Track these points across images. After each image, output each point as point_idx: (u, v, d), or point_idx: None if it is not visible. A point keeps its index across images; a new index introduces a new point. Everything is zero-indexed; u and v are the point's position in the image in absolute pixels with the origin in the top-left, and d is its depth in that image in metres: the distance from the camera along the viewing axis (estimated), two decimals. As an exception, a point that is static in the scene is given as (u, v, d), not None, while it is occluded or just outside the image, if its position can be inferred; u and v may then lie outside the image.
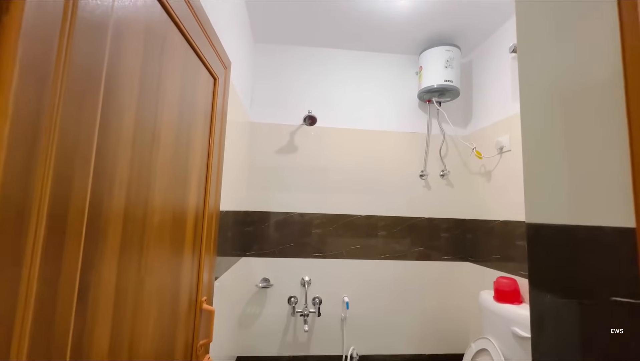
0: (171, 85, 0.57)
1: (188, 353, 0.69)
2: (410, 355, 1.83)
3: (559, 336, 0.40)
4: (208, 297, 0.80)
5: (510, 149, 1.58)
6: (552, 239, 0.42)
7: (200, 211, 0.76)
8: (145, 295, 0.50)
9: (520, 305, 1.40)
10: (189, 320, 0.69)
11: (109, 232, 0.40)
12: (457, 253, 1.93)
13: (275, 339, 1.76)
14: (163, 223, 0.56)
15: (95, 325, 0.38)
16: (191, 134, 0.68)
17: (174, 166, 0.60)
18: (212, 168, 0.82)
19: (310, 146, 1.91)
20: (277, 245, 1.82)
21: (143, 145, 0.48)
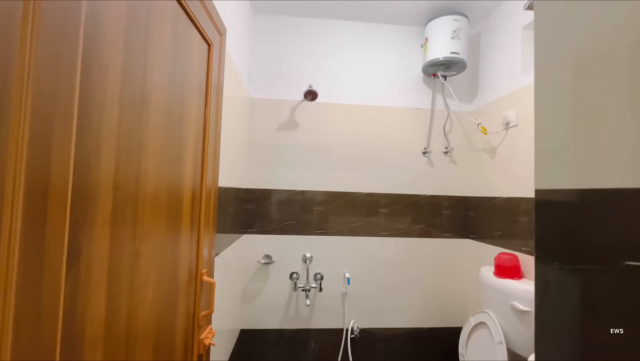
0: (160, 47, 0.53)
1: (190, 323, 0.70)
2: (409, 328, 1.87)
3: (563, 304, 0.39)
4: (208, 270, 0.80)
5: (517, 124, 1.53)
6: (563, 205, 0.40)
7: (197, 185, 0.75)
8: (142, 265, 0.49)
9: (520, 280, 1.41)
10: (190, 292, 0.70)
11: (98, 198, 0.39)
12: (459, 230, 1.93)
13: (277, 313, 1.80)
14: (158, 194, 0.54)
15: (90, 293, 0.37)
16: (185, 103, 0.65)
17: (167, 135, 0.58)
18: (208, 141, 0.80)
19: (311, 122, 1.87)
20: (279, 222, 1.82)
21: (132, 109, 0.46)
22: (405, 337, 1.86)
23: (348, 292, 1.83)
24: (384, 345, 1.85)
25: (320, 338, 1.81)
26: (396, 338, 1.86)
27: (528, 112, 1.46)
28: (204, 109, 0.78)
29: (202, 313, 0.74)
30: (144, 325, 0.50)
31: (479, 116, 1.80)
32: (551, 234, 0.42)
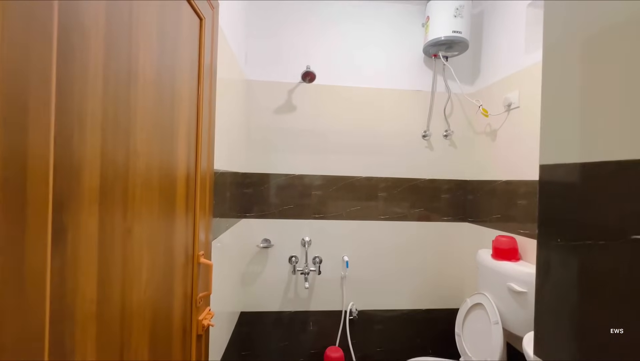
0: (146, 15, 0.50)
1: (188, 304, 0.70)
2: (407, 309, 1.90)
3: (566, 281, 0.39)
4: (206, 252, 0.80)
5: (519, 106, 1.50)
6: (568, 179, 0.39)
7: (191, 168, 0.73)
8: (135, 244, 0.48)
9: (517, 262, 1.42)
10: (187, 273, 0.69)
11: (84, 175, 0.37)
12: (457, 214, 1.93)
13: (277, 296, 1.82)
14: (149, 174, 0.53)
15: (79, 270, 0.36)
16: (176, 80, 0.62)
17: (158, 111, 0.55)
18: (202, 123, 0.77)
19: (309, 105, 1.83)
20: (277, 207, 1.82)
21: (117, 83, 0.43)
22: (402, 318, 1.90)
23: (347, 275, 1.85)
24: (381, 326, 1.88)
25: (319, 320, 1.84)
26: (394, 320, 1.89)
27: (531, 93, 1.43)
28: (196, 89, 0.75)
29: (200, 294, 0.74)
30: (139, 303, 0.49)
31: (480, 98, 1.77)
32: (555, 210, 0.41)
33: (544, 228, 0.42)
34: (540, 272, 0.43)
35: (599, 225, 0.35)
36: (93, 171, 0.39)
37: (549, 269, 0.41)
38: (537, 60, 1.40)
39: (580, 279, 0.37)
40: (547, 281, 0.42)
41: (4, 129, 0.26)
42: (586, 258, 0.36)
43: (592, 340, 0.35)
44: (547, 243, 0.42)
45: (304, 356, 1.83)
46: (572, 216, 0.38)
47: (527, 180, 1.44)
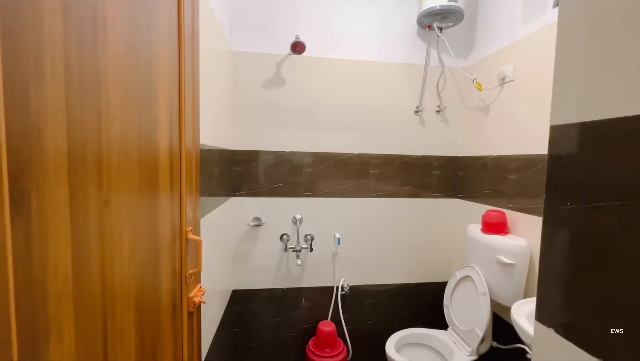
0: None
1: (177, 281, 0.67)
2: (397, 284, 1.94)
3: (574, 245, 0.37)
4: (194, 229, 0.76)
5: (513, 79, 1.48)
6: (581, 139, 0.37)
7: (175, 139, 0.67)
8: (114, 218, 0.44)
9: (506, 235, 1.44)
10: (175, 250, 0.66)
11: (46, 132, 0.32)
12: (448, 190, 1.94)
13: (268, 273, 1.82)
14: (127, 141, 0.48)
15: (49, 243, 0.32)
16: (152, 43, 0.56)
17: (133, 75, 0.49)
18: (185, 96, 0.71)
19: (299, 78, 1.76)
20: (267, 185, 1.78)
21: (81, 31, 0.37)
22: (392, 292, 1.94)
23: (338, 252, 1.85)
24: (372, 300, 1.92)
25: (311, 296, 1.86)
26: (384, 294, 1.93)
27: (526, 66, 1.40)
28: (177, 56, 0.68)
29: (190, 271, 0.71)
30: (122, 279, 0.46)
31: (474, 72, 1.73)
32: (565, 173, 0.39)
33: (553, 192, 0.40)
34: (546, 237, 0.41)
35: (614, 185, 0.33)
36: (58, 131, 0.34)
37: (556, 234, 0.40)
38: (534, 30, 1.36)
39: (590, 243, 0.35)
40: (553, 247, 0.40)
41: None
42: (598, 220, 0.35)
43: (600, 302, 0.34)
44: (555, 207, 0.40)
45: (297, 331, 1.86)
46: (584, 177, 0.36)
47: (518, 155, 1.45)
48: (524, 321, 1.00)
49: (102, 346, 0.42)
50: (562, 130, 0.39)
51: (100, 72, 0.41)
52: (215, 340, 1.33)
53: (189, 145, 0.74)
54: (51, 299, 0.33)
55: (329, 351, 1.64)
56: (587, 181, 0.36)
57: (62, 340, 0.34)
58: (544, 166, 1.32)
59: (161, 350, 0.60)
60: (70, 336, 0.35)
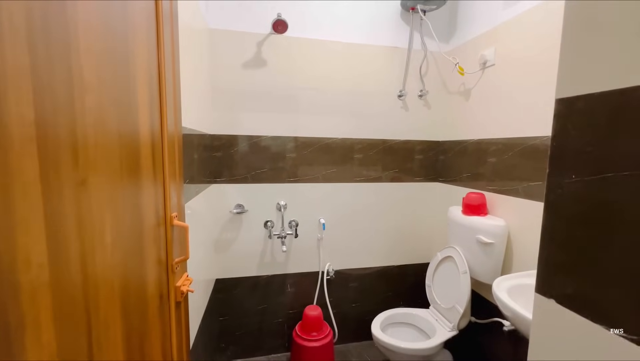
0: None
1: (163, 270, 0.63)
2: (380, 266, 1.98)
3: (578, 217, 0.38)
4: (179, 214, 0.71)
5: (494, 63, 1.50)
6: (590, 111, 0.36)
7: (155, 117, 0.61)
8: (93, 200, 0.39)
9: (485, 216, 1.50)
10: (160, 237, 0.61)
11: (7, 95, 0.27)
12: (429, 174, 1.98)
13: (253, 261, 1.79)
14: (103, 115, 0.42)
15: (17, 229, 0.28)
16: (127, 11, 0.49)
17: (108, 39, 0.43)
18: (164, 67, 0.65)
19: (280, 59, 1.69)
20: (250, 170, 1.72)
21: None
22: (376, 275, 1.98)
23: (323, 237, 1.85)
24: (356, 284, 1.95)
25: (296, 282, 1.86)
26: (368, 277, 1.97)
27: (507, 50, 1.43)
28: (155, 37, 0.62)
29: (176, 259, 0.67)
30: (104, 269, 0.41)
31: (456, 56, 1.74)
32: (571, 146, 0.39)
33: (557, 165, 0.40)
34: (549, 211, 0.42)
35: (623, 155, 0.33)
36: (22, 95, 0.28)
37: (560, 207, 0.40)
38: (514, 14, 1.38)
39: (597, 214, 0.36)
40: (556, 220, 0.41)
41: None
42: (606, 191, 0.35)
43: (606, 271, 0.35)
44: (559, 180, 0.40)
45: (282, 317, 1.86)
46: (591, 149, 0.36)
47: (498, 138, 1.49)
48: (505, 295, 1.05)
49: (87, 341, 0.38)
50: (569, 102, 0.39)
51: (69, 34, 0.35)
52: (201, 330, 1.30)
53: (171, 125, 0.68)
54: (24, 292, 0.28)
55: (316, 334, 1.65)
56: (594, 153, 0.36)
57: (40, 337, 0.30)
58: (521, 149, 1.37)
59: (149, 344, 0.56)
60: (49, 333, 0.31)
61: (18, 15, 0.29)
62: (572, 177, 0.38)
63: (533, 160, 1.30)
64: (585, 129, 0.37)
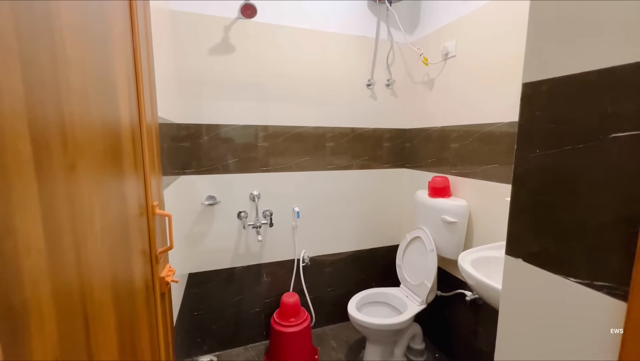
0: None
1: (148, 261, 0.61)
2: (352, 251, 2.06)
3: (543, 185, 0.44)
4: (160, 203, 0.69)
5: (455, 55, 1.60)
6: (552, 93, 0.42)
7: (134, 109, 0.58)
8: (82, 185, 0.37)
9: (449, 197, 1.62)
10: (143, 226, 0.59)
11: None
12: (397, 161, 2.08)
13: (227, 253, 1.76)
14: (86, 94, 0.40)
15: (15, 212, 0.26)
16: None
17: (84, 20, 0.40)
18: (140, 55, 0.61)
19: (250, 46, 1.64)
20: (220, 161, 1.67)
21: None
22: (349, 259, 2.05)
23: (298, 225, 1.87)
24: (331, 269, 2.01)
25: (272, 271, 1.87)
26: (341, 262, 2.03)
27: (467, 42, 1.53)
28: (129, 21, 0.58)
29: (160, 249, 0.64)
30: (96, 258, 0.39)
31: (420, 47, 1.82)
32: (535, 124, 0.44)
33: (524, 142, 0.46)
34: (517, 182, 0.48)
35: (579, 131, 0.39)
36: (10, 68, 0.26)
37: (527, 177, 0.46)
38: (474, 8, 1.48)
39: (558, 182, 0.42)
40: (523, 189, 0.47)
41: None
42: (565, 162, 0.41)
43: (562, 231, 0.41)
44: (525, 155, 0.46)
45: (259, 306, 1.86)
46: (552, 127, 0.42)
47: (460, 125, 1.60)
48: (469, 267, 1.16)
49: (85, 333, 0.36)
50: (534, 86, 0.45)
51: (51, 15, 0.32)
52: (176, 326, 1.26)
53: (149, 111, 0.65)
54: (26, 278, 0.27)
55: (294, 320, 1.69)
56: (555, 129, 0.42)
57: (44, 327, 0.29)
58: (480, 135, 1.49)
59: (139, 336, 0.55)
60: (51, 323, 0.30)
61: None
62: (536, 152, 0.44)
63: (490, 145, 1.43)
64: (548, 109, 0.43)
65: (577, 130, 0.39)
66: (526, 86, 0.46)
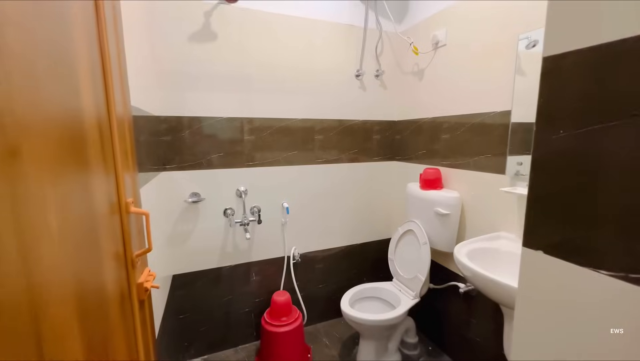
0: None
1: (122, 266, 0.53)
2: (343, 246, 2.02)
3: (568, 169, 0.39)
4: (135, 200, 0.61)
5: (446, 44, 1.57)
6: (579, 66, 0.38)
7: (100, 95, 0.50)
8: (30, 175, 0.30)
9: (441, 189, 1.60)
10: (115, 226, 0.51)
11: None
12: (386, 154, 2.04)
13: (214, 252, 1.68)
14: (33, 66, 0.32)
15: None
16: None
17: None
18: (108, 47, 0.53)
19: (233, 33, 1.55)
20: (204, 155, 1.58)
21: None
22: (340, 255, 2.01)
23: (287, 221, 1.81)
24: (322, 265, 1.97)
25: (261, 269, 1.80)
26: (332, 257, 1.99)
27: (458, 30, 1.50)
28: (93, 3, 0.49)
29: (136, 252, 0.57)
30: (53, 264, 0.32)
31: (410, 36, 1.78)
32: (558, 102, 0.40)
33: (544, 122, 0.42)
34: (536, 167, 0.43)
35: (612, 107, 0.35)
36: None
37: (548, 162, 0.42)
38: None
39: (585, 165, 0.38)
40: (544, 175, 0.43)
41: None
42: (593, 142, 0.37)
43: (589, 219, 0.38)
44: (546, 137, 0.42)
45: (249, 306, 1.80)
46: (579, 105, 0.38)
47: (451, 115, 1.58)
48: (465, 259, 1.13)
49: (37, 356, 0.29)
50: (556, 60, 0.40)
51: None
52: (161, 331, 1.18)
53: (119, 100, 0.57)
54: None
55: (286, 319, 1.63)
56: (582, 107, 0.38)
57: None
58: (471, 125, 1.47)
59: (113, 350, 0.48)
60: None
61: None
62: (559, 133, 0.40)
63: (481, 135, 1.41)
64: (573, 85, 0.39)
65: (610, 106, 0.35)
66: (547, 61, 0.41)
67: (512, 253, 1.18)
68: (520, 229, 1.26)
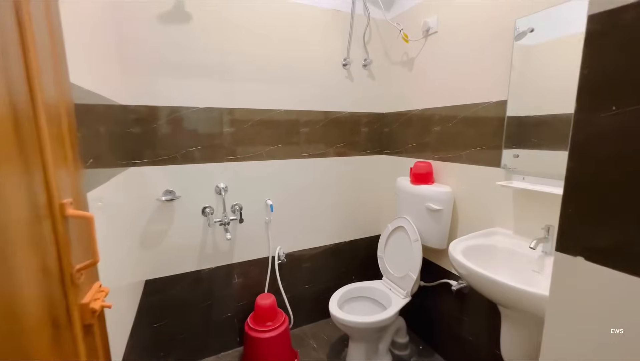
0: None
1: (57, 284, 0.42)
2: (331, 244, 1.93)
3: (620, 158, 0.31)
4: (77, 202, 0.49)
5: (437, 31, 1.49)
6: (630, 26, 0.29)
7: (18, 83, 0.38)
8: None
9: (432, 184, 1.53)
10: (43, 234, 0.39)
11: None
12: (375, 147, 1.96)
13: (191, 254, 1.55)
14: None
15: None
16: None
17: None
18: (30, 18, 0.40)
19: (209, 13, 1.41)
20: (179, 149, 1.45)
21: None
22: (327, 253, 1.93)
23: (271, 219, 1.70)
24: (309, 264, 1.87)
25: (244, 271, 1.69)
26: (319, 256, 1.90)
27: (450, 17, 1.42)
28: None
29: (78, 266, 0.45)
30: None
31: (399, 23, 1.70)
32: (609, 72, 0.32)
33: (589, 98, 0.34)
34: (576, 154, 0.35)
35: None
36: None
37: (594, 145, 0.34)
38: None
39: (637, 152, 0.30)
40: (587, 160, 0.35)
41: None
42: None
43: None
44: (592, 115, 0.33)
45: (231, 310, 1.68)
46: (637, 74, 0.30)
47: (442, 107, 1.51)
48: (461, 257, 1.07)
49: None
50: (607, 17, 0.32)
51: None
52: (130, 345, 1.06)
53: (48, 78, 0.45)
54: None
55: (271, 324, 1.53)
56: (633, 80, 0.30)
57: None
58: (464, 116, 1.40)
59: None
60: None
61: None
62: (611, 110, 0.32)
63: (475, 127, 1.35)
64: (629, 49, 0.31)
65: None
66: (593, 20, 0.33)
67: (509, 250, 1.13)
68: (517, 224, 1.22)
